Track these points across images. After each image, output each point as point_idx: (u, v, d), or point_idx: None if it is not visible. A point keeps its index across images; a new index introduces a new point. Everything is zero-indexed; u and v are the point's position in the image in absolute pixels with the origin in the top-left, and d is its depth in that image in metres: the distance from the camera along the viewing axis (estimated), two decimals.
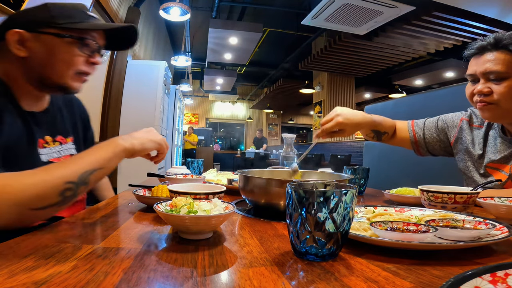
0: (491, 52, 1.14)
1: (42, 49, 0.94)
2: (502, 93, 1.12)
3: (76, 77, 1.01)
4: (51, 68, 0.96)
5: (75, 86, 1.02)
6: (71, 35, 0.96)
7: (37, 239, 0.61)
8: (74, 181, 0.74)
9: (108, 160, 0.83)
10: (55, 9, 0.96)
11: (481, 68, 1.16)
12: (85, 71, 1.02)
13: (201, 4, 7.56)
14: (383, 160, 2.38)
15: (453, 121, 1.43)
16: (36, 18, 0.95)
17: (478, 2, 4.67)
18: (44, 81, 0.98)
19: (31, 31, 0.93)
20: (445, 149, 1.46)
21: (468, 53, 1.23)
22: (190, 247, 0.61)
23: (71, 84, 1.00)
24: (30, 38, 0.93)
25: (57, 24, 0.94)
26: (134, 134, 0.96)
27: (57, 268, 0.47)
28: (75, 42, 0.97)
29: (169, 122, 6.02)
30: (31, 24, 0.93)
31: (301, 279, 0.48)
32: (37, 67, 0.95)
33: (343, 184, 0.62)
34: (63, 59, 0.96)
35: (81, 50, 0.98)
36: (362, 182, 1.46)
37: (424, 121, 1.50)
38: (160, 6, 4.11)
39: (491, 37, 1.15)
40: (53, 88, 1.01)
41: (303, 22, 5.80)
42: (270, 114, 16.12)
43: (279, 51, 9.91)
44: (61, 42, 0.95)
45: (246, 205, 1.07)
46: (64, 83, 0.99)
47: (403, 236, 0.60)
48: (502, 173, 1.23)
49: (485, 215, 0.83)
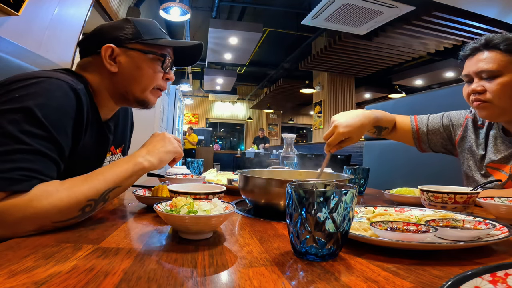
0: (483, 52, 1.18)
1: (130, 64, 0.97)
2: (495, 91, 1.15)
3: (154, 92, 1.04)
4: (136, 83, 0.99)
5: (153, 101, 1.05)
6: (155, 52, 0.99)
7: (37, 239, 0.61)
8: (95, 199, 0.75)
9: (127, 178, 0.82)
10: (139, 24, 0.99)
11: (474, 67, 1.19)
12: (162, 86, 1.05)
13: (201, 4, 7.56)
14: (383, 160, 2.38)
15: (458, 119, 1.43)
16: (125, 33, 0.97)
17: (478, 2, 4.67)
18: (127, 96, 1.01)
19: (120, 46, 0.96)
20: (446, 146, 1.46)
21: (462, 55, 1.27)
22: (190, 247, 0.61)
23: (150, 99, 1.04)
24: (120, 53, 0.96)
25: (143, 40, 0.97)
26: (151, 147, 0.91)
27: (57, 268, 0.47)
28: (157, 59, 1.00)
29: (169, 122, 6.02)
30: (120, 39, 0.96)
31: (301, 279, 0.48)
32: (124, 82, 0.99)
33: (343, 184, 0.62)
34: (147, 75, 0.99)
35: (160, 66, 1.01)
36: (362, 182, 1.47)
37: (428, 117, 1.49)
38: (160, 6, 4.12)
39: (482, 38, 1.19)
40: (134, 103, 1.04)
41: (303, 22, 5.80)
42: (270, 114, 16.12)
43: (279, 51, 9.91)
44: (146, 58, 0.98)
45: (246, 205, 1.07)
46: (145, 98, 1.02)
47: (403, 236, 0.60)
48: (502, 173, 1.23)
49: (485, 215, 0.83)
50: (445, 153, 1.49)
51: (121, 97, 1.02)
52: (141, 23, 1.00)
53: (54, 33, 2.60)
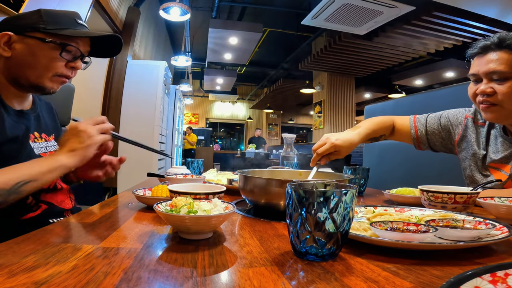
0: (494, 52, 1.13)
1: (24, 51, 1.02)
2: (505, 94, 1.11)
3: (55, 79, 1.07)
4: (29, 69, 1.03)
5: (52, 86, 1.08)
6: (53, 41, 1.02)
7: (37, 239, 0.61)
8: (5, 189, 0.79)
9: (44, 173, 0.87)
10: (46, 15, 1.03)
11: (484, 68, 1.15)
12: (64, 74, 1.08)
13: (201, 4, 7.56)
14: (383, 160, 2.38)
15: (457, 119, 1.41)
16: (27, 22, 1.02)
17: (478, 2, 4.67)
18: (20, 80, 1.05)
19: (19, 34, 1.01)
20: (445, 146, 1.45)
21: (472, 53, 1.22)
22: (190, 247, 0.61)
23: (47, 85, 1.06)
24: (16, 40, 1.01)
25: (44, 30, 1.01)
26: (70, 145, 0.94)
27: (57, 268, 0.47)
28: (57, 47, 1.03)
29: (169, 122, 6.03)
30: (21, 28, 1.01)
31: (301, 279, 0.48)
32: (17, 67, 1.03)
33: (343, 184, 0.62)
34: (42, 62, 1.03)
35: (62, 55, 1.04)
36: (362, 182, 1.46)
37: (426, 117, 1.48)
38: (160, 6, 4.11)
39: (495, 36, 1.14)
40: (30, 88, 1.08)
41: (303, 22, 5.80)
42: (270, 114, 16.11)
43: (279, 51, 9.90)
44: (44, 46, 1.02)
45: (246, 205, 1.07)
46: (41, 83, 1.05)
47: (403, 236, 0.60)
48: (502, 173, 1.22)
49: (485, 215, 0.83)
50: (445, 151, 1.48)
51: (14, 82, 1.05)
52: (51, 14, 1.05)
53: None
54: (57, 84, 1.09)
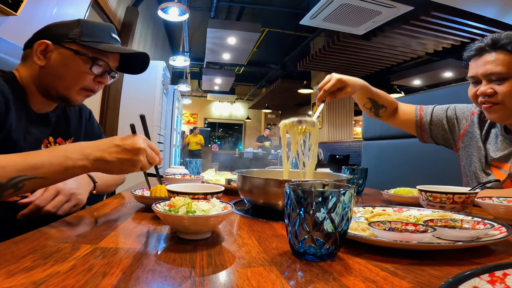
0: (490, 53, 1.15)
1: (58, 61, 1.02)
2: (506, 93, 1.12)
3: (81, 92, 1.07)
4: (59, 80, 1.03)
5: (77, 99, 1.08)
6: (85, 54, 1.02)
7: (35, 239, 0.61)
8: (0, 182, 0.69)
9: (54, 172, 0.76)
10: (84, 26, 1.04)
11: (482, 69, 1.16)
12: (91, 88, 1.08)
13: (200, 4, 7.55)
14: (381, 160, 2.38)
15: (463, 113, 1.41)
16: (65, 32, 1.02)
17: (476, 2, 4.68)
18: (49, 91, 1.04)
19: (56, 43, 1.01)
20: (446, 139, 1.45)
21: (467, 55, 1.23)
22: (189, 247, 0.61)
23: (74, 97, 1.07)
24: (52, 49, 1.01)
25: (80, 41, 1.01)
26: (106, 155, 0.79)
27: (55, 268, 0.47)
28: (88, 61, 1.03)
29: (167, 122, 6.01)
30: (59, 37, 1.02)
31: (299, 279, 0.48)
32: (49, 77, 1.03)
33: (342, 184, 0.62)
34: (72, 74, 1.03)
35: (91, 69, 1.04)
36: (361, 182, 1.47)
37: (433, 108, 1.48)
38: (159, 6, 4.11)
39: (489, 38, 1.15)
40: (56, 99, 1.07)
41: (302, 22, 5.80)
42: (269, 114, 16.12)
43: (277, 51, 9.90)
44: (76, 58, 1.02)
45: (245, 205, 1.07)
46: (68, 95, 1.05)
47: (401, 236, 0.60)
48: (502, 171, 1.23)
49: (483, 215, 0.83)
50: (444, 145, 1.48)
51: (44, 91, 1.05)
52: (89, 26, 1.05)
53: None
54: (82, 97, 1.09)
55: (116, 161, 0.79)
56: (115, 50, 1.06)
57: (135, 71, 1.21)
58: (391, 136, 2.27)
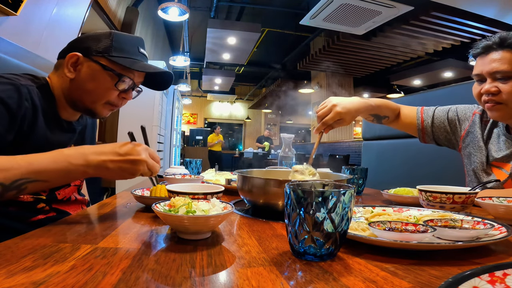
0: (497, 52, 1.15)
1: (87, 75, 1.03)
2: (510, 92, 1.12)
3: (106, 106, 1.08)
4: (86, 93, 1.04)
5: (103, 113, 1.09)
6: (112, 69, 1.02)
7: (35, 239, 0.61)
8: (4, 184, 0.73)
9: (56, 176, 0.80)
10: (116, 40, 1.04)
11: (487, 67, 1.16)
12: (115, 103, 1.09)
13: (200, 4, 7.55)
14: (381, 160, 2.38)
15: (465, 114, 1.41)
16: (97, 45, 1.03)
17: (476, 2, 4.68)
18: (77, 103, 1.06)
19: (87, 56, 1.02)
20: (449, 140, 1.45)
21: (474, 53, 1.23)
22: (189, 247, 0.61)
23: (99, 111, 1.08)
24: (83, 62, 1.02)
25: (109, 56, 1.02)
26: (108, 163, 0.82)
27: (55, 268, 0.47)
28: (114, 77, 1.03)
29: (167, 122, 6.01)
30: (89, 50, 1.03)
31: (299, 279, 0.48)
32: (78, 90, 1.04)
33: (342, 184, 0.62)
34: (99, 89, 1.04)
35: (116, 85, 1.04)
36: (361, 182, 1.47)
37: (434, 109, 1.47)
38: (159, 6, 4.11)
39: (496, 36, 1.15)
40: (83, 111, 1.09)
41: (302, 22, 5.81)
42: (269, 114, 16.12)
43: (277, 51, 9.91)
44: (104, 73, 1.03)
45: (245, 205, 1.07)
46: (94, 108, 1.07)
47: (401, 236, 0.60)
48: (503, 171, 1.23)
49: (483, 215, 0.83)
50: (447, 146, 1.48)
51: (72, 103, 1.07)
52: (121, 39, 1.05)
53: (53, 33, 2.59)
54: (107, 110, 1.10)
55: (117, 169, 0.82)
56: (141, 69, 1.06)
57: (159, 88, 1.22)
58: (391, 136, 2.27)
